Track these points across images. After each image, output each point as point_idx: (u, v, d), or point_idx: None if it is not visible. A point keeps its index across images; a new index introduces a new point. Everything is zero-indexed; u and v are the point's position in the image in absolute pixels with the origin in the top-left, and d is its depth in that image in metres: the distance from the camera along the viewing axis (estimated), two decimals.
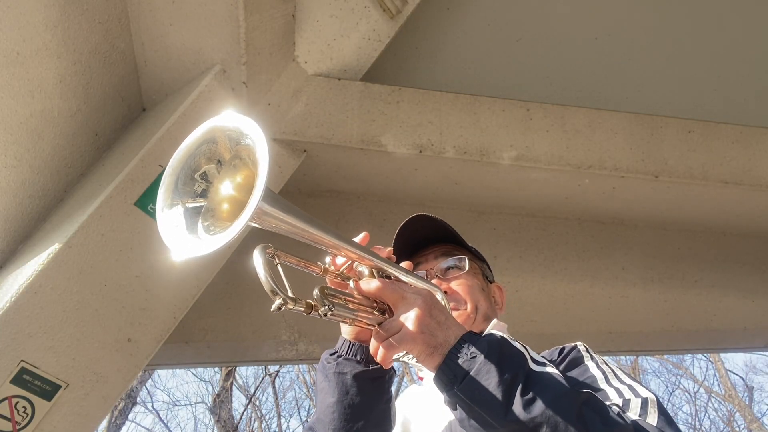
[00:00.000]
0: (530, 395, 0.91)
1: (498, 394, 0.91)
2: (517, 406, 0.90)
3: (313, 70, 2.69)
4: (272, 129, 2.56)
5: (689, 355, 14.38)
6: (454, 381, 0.94)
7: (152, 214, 2.17)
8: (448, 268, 1.47)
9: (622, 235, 3.35)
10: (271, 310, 0.88)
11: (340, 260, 1.09)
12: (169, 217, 0.88)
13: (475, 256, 1.56)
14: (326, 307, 0.92)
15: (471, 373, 0.93)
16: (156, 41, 2.46)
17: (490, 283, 1.57)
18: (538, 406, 0.89)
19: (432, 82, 2.96)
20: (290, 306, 0.89)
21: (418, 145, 2.70)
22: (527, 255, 3.20)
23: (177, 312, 2.26)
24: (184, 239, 0.86)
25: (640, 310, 3.24)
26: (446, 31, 3.03)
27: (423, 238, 1.52)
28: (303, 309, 0.91)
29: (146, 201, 2.16)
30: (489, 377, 0.92)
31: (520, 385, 0.92)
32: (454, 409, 0.98)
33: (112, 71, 2.48)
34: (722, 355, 13.84)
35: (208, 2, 2.26)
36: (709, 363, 14.68)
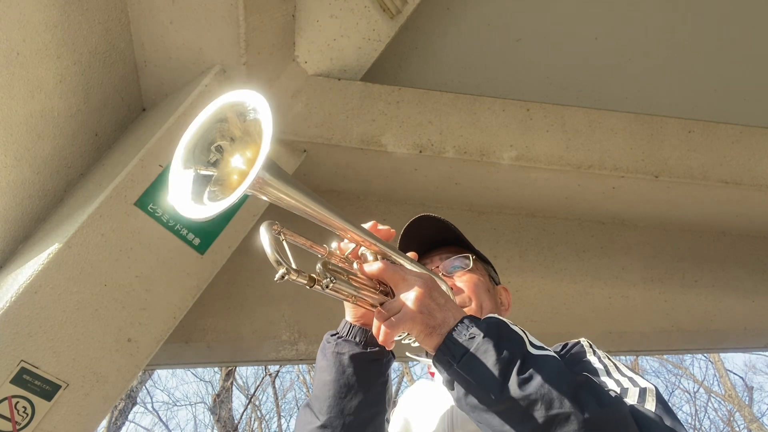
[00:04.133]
0: (526, 374, 0.92)
1: (495, 372, 0.92)
2: (513, 384, 0.91)
3: (313, 70, 2.69)
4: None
5: (689, 355, 14.39)
6: (452, 360, 0.96)
7: (152, 214, 2.18)
8: (454, 268, 1.48)
9: (622, 235, 3.35)
10: (275, 279, 0.89)
11: (346, 245, 1.11)
12: (181, 178, 0.91)
13: (481, 258, 1.57)
14: (328, 279, 0.94)
15: (469, 353, 0.94)
16: (156, 41, 2.46)
17: (496, 285, 1.58)
18: (534, 385, 0.90)
19: (432, 82, 2.96)
20: (293, 277, 0.90)
21: (418, 145, 2.70)
22: (527, 255, 3.20)
23: (177, 312, 2.26)
24: (188, 201, 0.89)
25: (640, 310, 3.24)
26: (446, 31, 3.03)
27: (428, 240, 1.54)
28: (306, 282, 0.93)
29: (146, 201, 2.16)
30: (487, 356, 0.93)
31: (518, 364, 0.93)
32: (452, 388, 0.99)
33: (112, 71, 2.48)
34: (722, 355, 13.86)
35: (208, 2, 2.26)
36: (709, 363, 14.70)
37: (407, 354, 1.18)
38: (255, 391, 14.15)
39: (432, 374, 1.50)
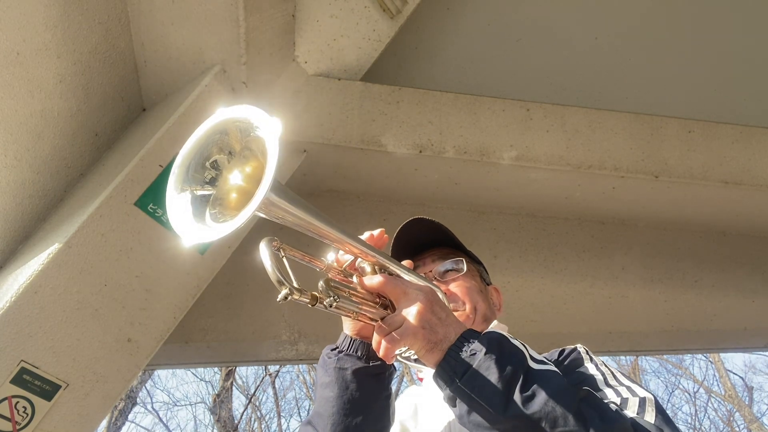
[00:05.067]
0: (530, 391, 0.92)
1: (497, 390, 0.92)
2: (517, 402, 0.91)
3: (313, 70, 2.69)
4: None
5: (689, 355, 14.39)
6: (453, 377, 0.95)
7: (152, 214, 2.18)
8: (446, 271, 1.48)
9: (622, 235, 3.35)
10: (278, 300, 0.88)
11: (343, 257, 1.10)
12: (179, 203, 0.89)
13: (472, 259, 1.57)
14: (331, 299, 0.93)
15: (471, 370, 0.94)
16: (156, 41, 2.46)
17: (488, 285, 1.58)
18: (538, 402, 0.90)
19: (432, 82, 2.96)
20: (296, 296, 0.89)
21: (418, 145, 2.70)
22: (527, 255, 3.20)
23: (177, 312, 2.26)
24: (191, 226, 0.87)
25: (640, 310, 3.24)
26: (446, 31, 3.03)
27: (421, 242, 1.53)
28: (308, 300, 0.92)
29: (146, 201, 2.16)
30: (489, 373, 0.93)
31: (520, 382, 0.92)
32: (454, 405, 0.98)
33: (112, 71, 2.48)
34: (722, 355, 13.85)
35: (208, 2, 2.26)
36: (709, 363, 14.70)
37: (398, 358, 1.17)
38: (255, 391, 14.15)
39: (421, 379, 1.49)
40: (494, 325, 1.42)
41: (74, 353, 2.01)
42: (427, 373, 1.42)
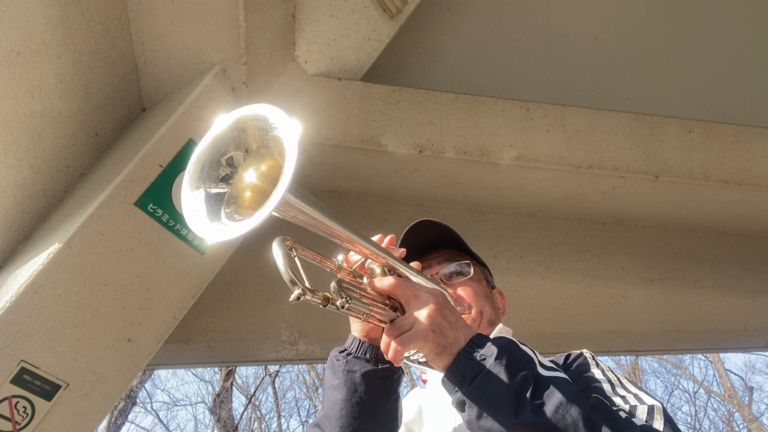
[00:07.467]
0: (540, 399, 0.91)
1: (507, 397, 0.91)
2: (527, 410, 0.90)
3: (313, 70, 2.69)
4: None
5: (689, 355, 14.39)
6: (463, 382, 0.95)
7: (152, 214, 2.18)
8: (452, 274, 1.47)
9: (622, 235, 3.35)
10: (290, 300, 0.88)
11: (353, 258, 1.10)
12: (193, 201, 0.88)
13: (478, 261, 1.57)
14: (343, 300, 0.93)
15: (480, 375, 0.93)
16: (156, 41, 2.46)
17: (492, 288, 1.58)
18: (548, 410, 0.90)
19: (432, 82, 2.96)
20: (308, 297, 0.89)
21: (418, 145, 2.70)
22: (527, 255, 3.20)
23: (177, 312, 2.26)
24: (207, 223, 0.86)
25: (640, 310, 3.24)
26: (446, 31, 3.03)
27: (427, 243, 1.53)
28: (320, 301, 0.92)
29: (146, 201, 2.16)
30: (498, 380, 0.92)
31: (530, 389, 0.92)
32: (462, 410, 0.98)
33: (112, 71, 2.48)
34: (722, 355, 13.86)
35: (208, 2, 2.26)
36: (709, 363, 14.70)
37: (406, 360, 1.17)
38: (255, 391, 14.16)
39: (425, 381, 1.49)
40: (499, 329, 1.42)
41: (74, 353, 2.01)
42: (431, 375, 1.42)
